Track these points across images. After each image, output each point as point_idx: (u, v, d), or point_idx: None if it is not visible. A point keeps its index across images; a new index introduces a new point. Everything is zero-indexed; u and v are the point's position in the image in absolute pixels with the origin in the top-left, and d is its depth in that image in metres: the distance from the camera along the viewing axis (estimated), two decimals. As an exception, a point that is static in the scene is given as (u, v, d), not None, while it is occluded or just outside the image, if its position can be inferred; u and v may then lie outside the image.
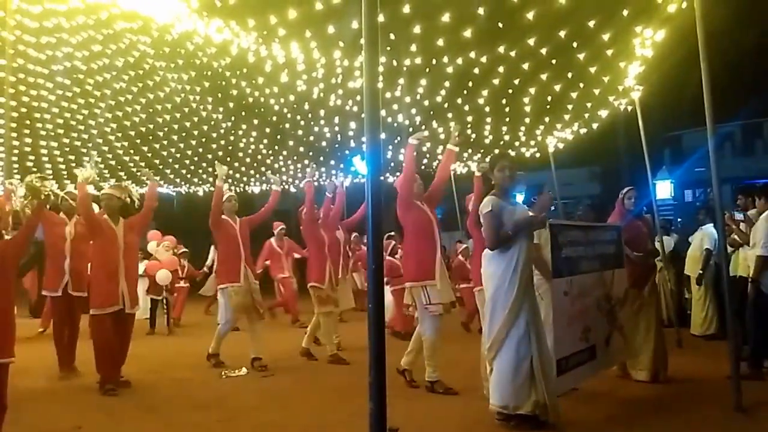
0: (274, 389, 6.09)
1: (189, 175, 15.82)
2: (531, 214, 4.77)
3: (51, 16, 7.66)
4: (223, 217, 7.08)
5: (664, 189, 20.85)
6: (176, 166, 14.90)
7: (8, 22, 6.93)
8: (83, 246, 6.67)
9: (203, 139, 13.31)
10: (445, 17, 7.18)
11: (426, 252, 5.71)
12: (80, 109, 11.29)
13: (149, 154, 14.05)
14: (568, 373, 4.80)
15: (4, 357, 4.11)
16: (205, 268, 12.14)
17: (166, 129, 12.65)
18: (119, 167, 14.85)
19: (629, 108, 9.15)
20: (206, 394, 5.91)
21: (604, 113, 10.19)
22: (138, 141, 13.26)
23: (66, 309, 6.66)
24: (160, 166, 14.84)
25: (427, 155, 14.42)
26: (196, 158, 14.46)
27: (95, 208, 6.51)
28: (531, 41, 7.61)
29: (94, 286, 6.11)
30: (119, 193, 6.28)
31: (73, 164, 14.20)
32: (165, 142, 13.41)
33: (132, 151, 13.85)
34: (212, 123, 12.36)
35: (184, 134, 13.01)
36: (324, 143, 13.41)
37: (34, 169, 13.83)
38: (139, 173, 15.39)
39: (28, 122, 11.36)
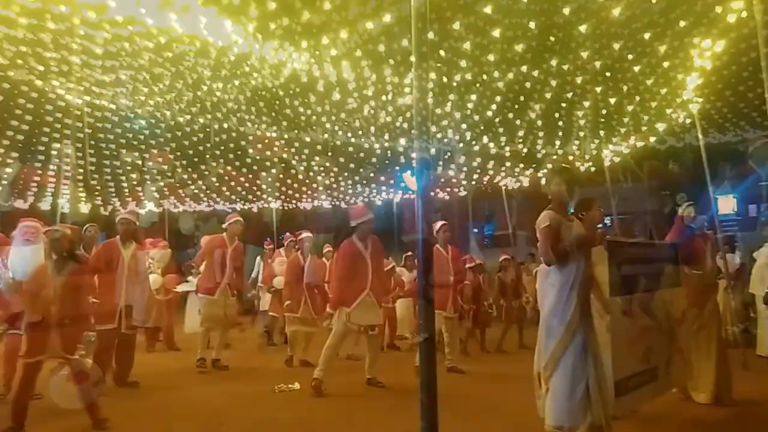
0: (324, 406, 6.11)
1: (244, 192, 16.17)
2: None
3: (115, 41, 8.02)
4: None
5: (726, 204, 20.00)
6: (232, 183, 15.28)
7: (73, 47, 7.31)
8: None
9: (258, 158, 13.62)
10: (496, 32, 7.16)
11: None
12: (141, 130, 11.74)
13: (207, 172, 14.46)
14: (628, 395, 4.64)
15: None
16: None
17: (222, 148, 13.00)
18: (178, 185, 15.33)
19: (688, 120, 8.90)
20: (257, 408, 5.99)
21: (661, 126, 9.94)
22: (196, 160, 13.66)
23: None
24: (217, 184, 15.25)
25: (478, 170, 14.35)
26: (251, 176, 14.79)
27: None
28: (584, 54, 7.51)
29: (97, 305, 6.62)
30: (135, 218, 7.02)
31: (135, 182, 14.76)
32: (222, 161, 13.78)
33: (190, 170, 14.28)
34: (266, 141, 12.63)
35: (239, 153, 13.34)
36: (374, 159, 13.52)
37: (98, 187, 14.44)
38: (196, 191, 15.93)
39: (92, 142, 11.87)
